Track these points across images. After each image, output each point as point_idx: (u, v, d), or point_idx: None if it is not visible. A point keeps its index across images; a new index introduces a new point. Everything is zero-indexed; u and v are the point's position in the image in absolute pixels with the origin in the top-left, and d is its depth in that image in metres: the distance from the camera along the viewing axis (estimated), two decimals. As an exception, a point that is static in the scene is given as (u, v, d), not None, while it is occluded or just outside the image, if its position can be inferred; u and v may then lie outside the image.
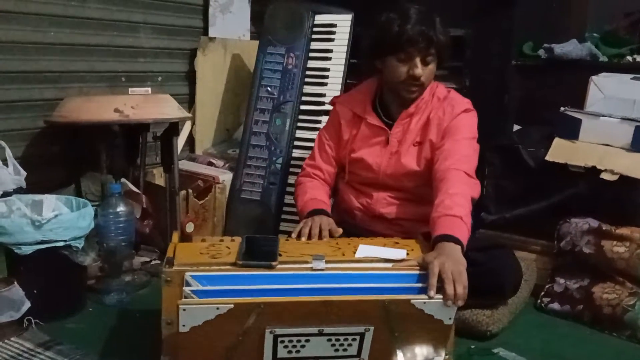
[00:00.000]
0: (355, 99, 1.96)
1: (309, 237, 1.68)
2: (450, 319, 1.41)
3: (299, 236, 1.70)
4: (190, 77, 2.87)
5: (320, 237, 1.68)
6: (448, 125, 1.81)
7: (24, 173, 2.00)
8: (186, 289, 1.37)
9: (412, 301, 1.38)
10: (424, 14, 1.76)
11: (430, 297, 1.38)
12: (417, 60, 1.75)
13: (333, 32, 2.55)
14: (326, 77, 2.51)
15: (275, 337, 1.37)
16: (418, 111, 1.85)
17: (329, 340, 1.39)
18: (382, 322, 1.38)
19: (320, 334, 1.38)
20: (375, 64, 1.86)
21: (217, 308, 1.31)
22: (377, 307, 1.37)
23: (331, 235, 1.70)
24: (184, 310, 1.31)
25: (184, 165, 2.63)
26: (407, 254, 1.53)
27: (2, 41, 2.12)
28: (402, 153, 1.86)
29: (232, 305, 1.31)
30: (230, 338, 1.36)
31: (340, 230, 1.72)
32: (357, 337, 1.40)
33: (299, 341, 1.38)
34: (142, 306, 1.96)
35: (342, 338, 1.39)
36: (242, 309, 1.32)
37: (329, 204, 1.90)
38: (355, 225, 1.94)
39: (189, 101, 2.90)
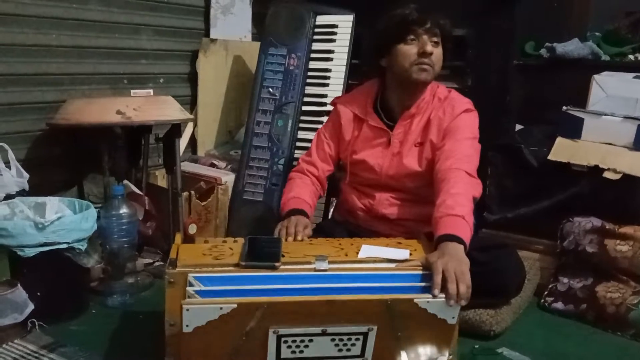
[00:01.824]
0: (356, 100, 1.96)
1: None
2: (453, 318, 1.41)
3: None
4: (192, 78, 2.87)
5: (295, 237, 1.68)
6: (448, 126, 1.81)
7: (26, 175, 2.00)
8: (189, 289, 1.37)
9: (415, 300, 1.38)
10: (426, 5, 1.79)
11: (434, 296, 1.38)
12: (426, 38, 1.76)
13: (334, 33, 2.55)
14: (328, 77, 2.51)
15: (279, 337, 1.37)
16: (419, 112, 1.85)
17: (333, 340, 1.39)
18: (385, 322, 1.39)
19: (324, 333, 1.38)
20: (380, 64, 1.87)
21: (221, 308, 1.31)
22: (380, 306, 1.37)
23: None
24: (188, 310, 1.31)
25: (186, 166, 2.63)
26: (410, 254, 1.53)
27: (4, 44, 2.12)
28: (404, 154, 1.86)
29: (235, 305, 1.32)
30: (234, 338, 1.36)
31: (310, 233, 1.72)
32: (361, 337, 1.40)
33: (302, 341, 1.38)
34: (145, 308, 1.96)
35: (345, 338, 1.39)
36: (246, 308, 1.33)
37: (311, 203, 1.90)
38: (358, 226, 1.94)
39: (191, 102, 2.90)
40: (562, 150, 2.15)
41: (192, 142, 2.90)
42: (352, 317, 1.38)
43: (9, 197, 1.93)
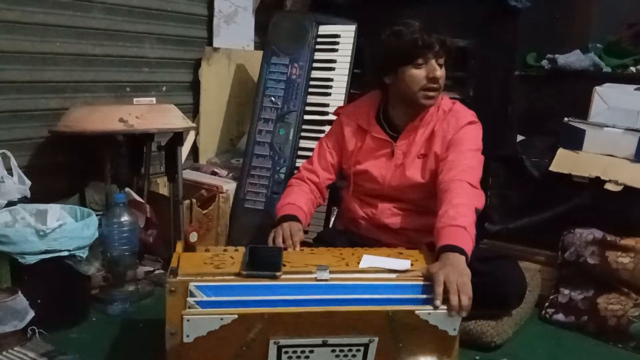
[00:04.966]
0: (359, 110, 1.96)
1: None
2: (454, 329, 1.40)
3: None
4: (195, 87, 2.88)
5: (292, 242, 1.69)
6: (453, 137, 1.81)
7: (28, 182, 2.01)
8: (190, 299, 1.37)
9: (416, 312, 1.37)
10: (429, 22, 1.78)
11: (436, 307, 1.38)
12: (434, 63, 1.76)
13: (337, 43, 2.56)
14: (330, 87, 2.52)
15: (280, 348, 1.36)
16: (423, 124, 1.86)
17: (333, 351, 1.38)
18: (386, 333, 1.38)
19: (324, 344, 1.37)
20: (382, 81, 1.86)
21: (221, 319, 1.31)
22: (381, 317, 1.37)
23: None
24: (188, 321, 1.31)
25: (188, 174, 2.63)
26: (412, 264, 1.53)
27: (8, 51, 2.13)
28: (407, 165, 1.86)
29: (236, 316, 1.31)
30: (234, 349, 1.36)
31: (302, 237, 1.73)
32: (362, 348, 1.39)
33: (302, 352, 1.38)
34: (146, 316, 1.96)
35: (346, 349, 1.39)
36: (246, 319, 1.33)
37: (307, 210, 1.89)
38: (359, 235, 1.94)
39: (193, 111, 2.90)
40: (564, 162, 2.16)
41: (194, 150, 2.91)
42: (352, 328, 1.37)
43: (10, 204, 1.93)
